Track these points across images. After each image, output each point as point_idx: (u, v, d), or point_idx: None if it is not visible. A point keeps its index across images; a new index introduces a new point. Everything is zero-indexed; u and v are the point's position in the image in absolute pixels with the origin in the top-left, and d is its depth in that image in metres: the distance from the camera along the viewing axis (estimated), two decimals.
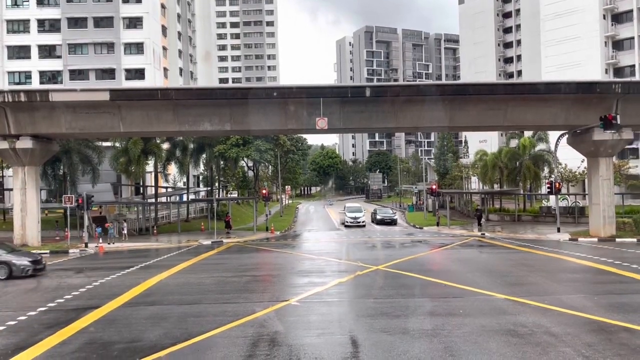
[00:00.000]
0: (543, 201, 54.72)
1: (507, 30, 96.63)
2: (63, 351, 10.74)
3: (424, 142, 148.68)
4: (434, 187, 47.77)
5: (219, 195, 62.35)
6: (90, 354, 10.58)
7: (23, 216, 31.70)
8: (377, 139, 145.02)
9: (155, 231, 41.37)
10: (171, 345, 10.80)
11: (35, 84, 62.21)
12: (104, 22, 63.49)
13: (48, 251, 29.80)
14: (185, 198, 57.59)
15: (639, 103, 30.74)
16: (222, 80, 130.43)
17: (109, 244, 32.77)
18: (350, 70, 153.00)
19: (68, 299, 16.04)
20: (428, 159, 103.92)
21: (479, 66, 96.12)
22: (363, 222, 48.56)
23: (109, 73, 63.29)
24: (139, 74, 63.60)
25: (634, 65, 61.48)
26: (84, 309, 14.52)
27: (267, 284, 19.22)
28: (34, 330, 12.41)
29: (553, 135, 42.71)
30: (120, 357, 10.17)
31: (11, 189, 38.57)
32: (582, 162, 41.22)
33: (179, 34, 77.48)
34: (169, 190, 63.85)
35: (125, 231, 37.39)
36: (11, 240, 31.92)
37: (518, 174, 49.95)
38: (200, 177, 76.17)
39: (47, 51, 63.80)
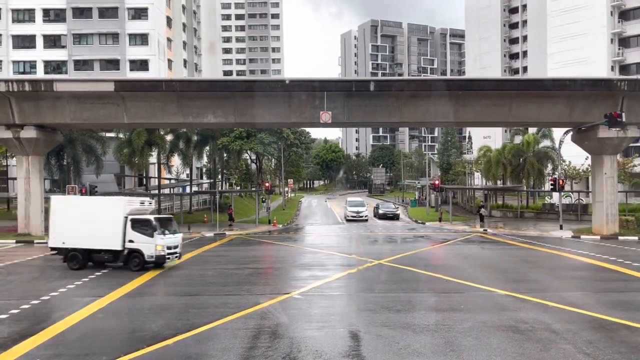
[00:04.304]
0: (546, 198, 54.58)
1: (513, 26, 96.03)
2: (66, 340, 10.82)
3: (428, 137, 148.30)
4: (437, 182, 47.66)
5: (221, 188, 62.40)
6: (92, 343, 10.66)
7: (27, 205, 31.81)
8: (380, 133, 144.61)
9: None
10: (173, 335, 10.86)
11: (40, 73, 62.14)
12: (109, 13, 63.35)
13: None
14: (188, 190, 57.69)
15: None
16: (226, 73, 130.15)
17: None
18: (355, 64, 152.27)
19: (71, 288, 16.12)
20: (431, 154, 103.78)
21: (484, 62, 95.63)
22: (365, 216, 48.59)
23: (114, 64, 63.21)
24: (143, 65, 63.50)
25: None
26: (87, 298, 14.60)
27: (269, 276, 19.27)
28: (37, 318, 12.49)
29: (557, 132, 42.56)
30: (122, 347, 10.23)
31: (15, 178, 38.66)
32: (586, 159, 41.09)
33: (184, 25, 77.25)
34: (172, 181, 63.95)
35: None
36: (15, 229, 32.08)
37: (521, 171, 49.81)
38: (204, 169, 76.24)
39: (52, 41, 63.74)
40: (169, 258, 19.38)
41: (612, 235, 31.18)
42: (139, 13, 63.72)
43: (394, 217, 50.66)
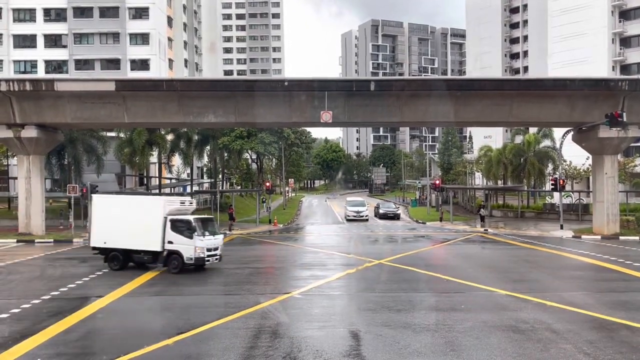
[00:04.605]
0: (547, 198, 54.56)
1: (514, 26, 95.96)
2: (67, 339, 10.82)
3: (429, 137, 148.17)
4: (437, 182, 47.65)
5: (222, 187, 62.43)
6: (93, 342, 10.68)
7: (27, 205, 31.83)
8: (381, 133, 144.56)
9: None
10: (173, 335, 10.86)
11: (40, 73, 62.17)
12: (109, 12, 63.40)
13: (52, 240, 29.94)
14: (189, 189, 57.72)
15: None
16: (226, 72, 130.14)
17: None
18: (356, 64, 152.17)
19: (72, 287, 16.13)
20: (432, 154, 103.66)
21: (485, 61, 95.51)
22: (366, 216, 48.60)
23: (114, 63, 63.26)
24: (144, 64, 63.54)
25: None
26: (88, 298, 14.62)
27: (270, 276, 19.28)
28: (38, 318, 12.50)
29: (558, 132, 42.54)
30: (122, 346, 10.23)
31: (16, 178, 38.70)
32: (587, 159, 41.03)
33: (185, 25, 77.27)
34: (173, 181, 63.97)
35: None
36: (16, 228, 32.12)
37: (522, 171, 49.78)
38: (204, 169, 76.27)
39: (53, 40, 63.79)
40: (208, 260, 18.79)
41: (613, 235, 31.17)
42: (140, 12, 63.77)
43: (395, 216, 50.66)
